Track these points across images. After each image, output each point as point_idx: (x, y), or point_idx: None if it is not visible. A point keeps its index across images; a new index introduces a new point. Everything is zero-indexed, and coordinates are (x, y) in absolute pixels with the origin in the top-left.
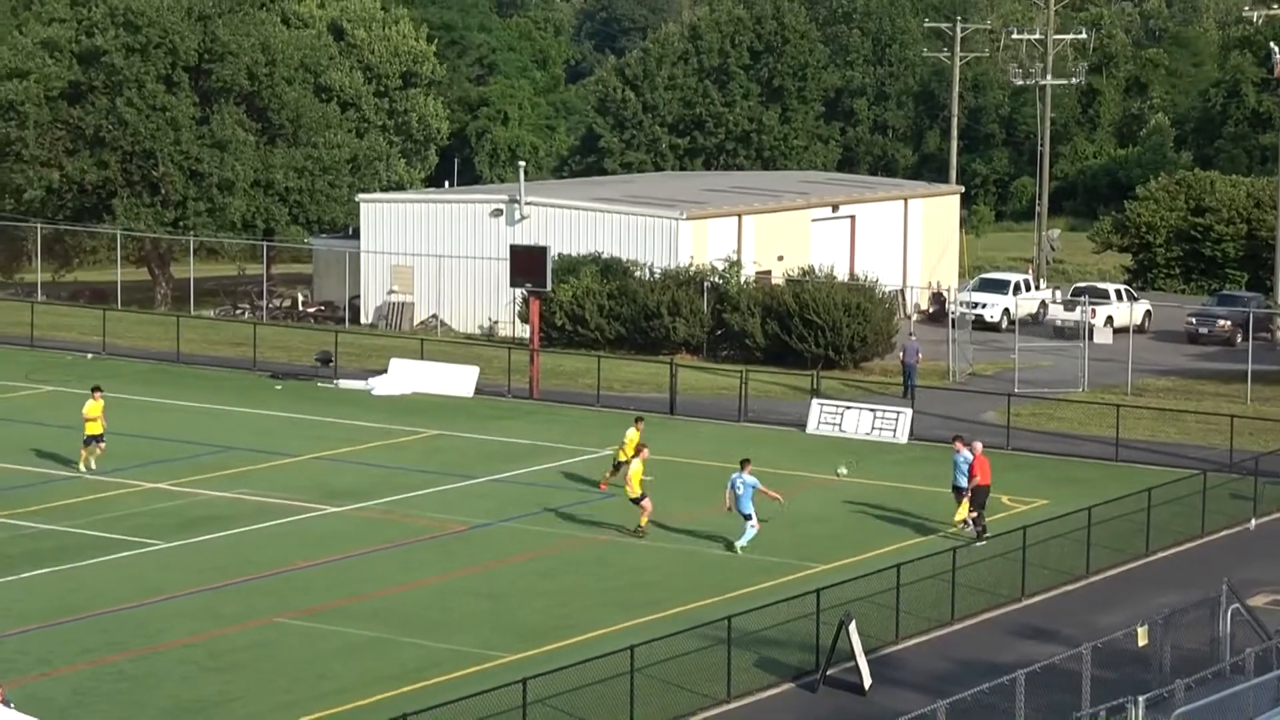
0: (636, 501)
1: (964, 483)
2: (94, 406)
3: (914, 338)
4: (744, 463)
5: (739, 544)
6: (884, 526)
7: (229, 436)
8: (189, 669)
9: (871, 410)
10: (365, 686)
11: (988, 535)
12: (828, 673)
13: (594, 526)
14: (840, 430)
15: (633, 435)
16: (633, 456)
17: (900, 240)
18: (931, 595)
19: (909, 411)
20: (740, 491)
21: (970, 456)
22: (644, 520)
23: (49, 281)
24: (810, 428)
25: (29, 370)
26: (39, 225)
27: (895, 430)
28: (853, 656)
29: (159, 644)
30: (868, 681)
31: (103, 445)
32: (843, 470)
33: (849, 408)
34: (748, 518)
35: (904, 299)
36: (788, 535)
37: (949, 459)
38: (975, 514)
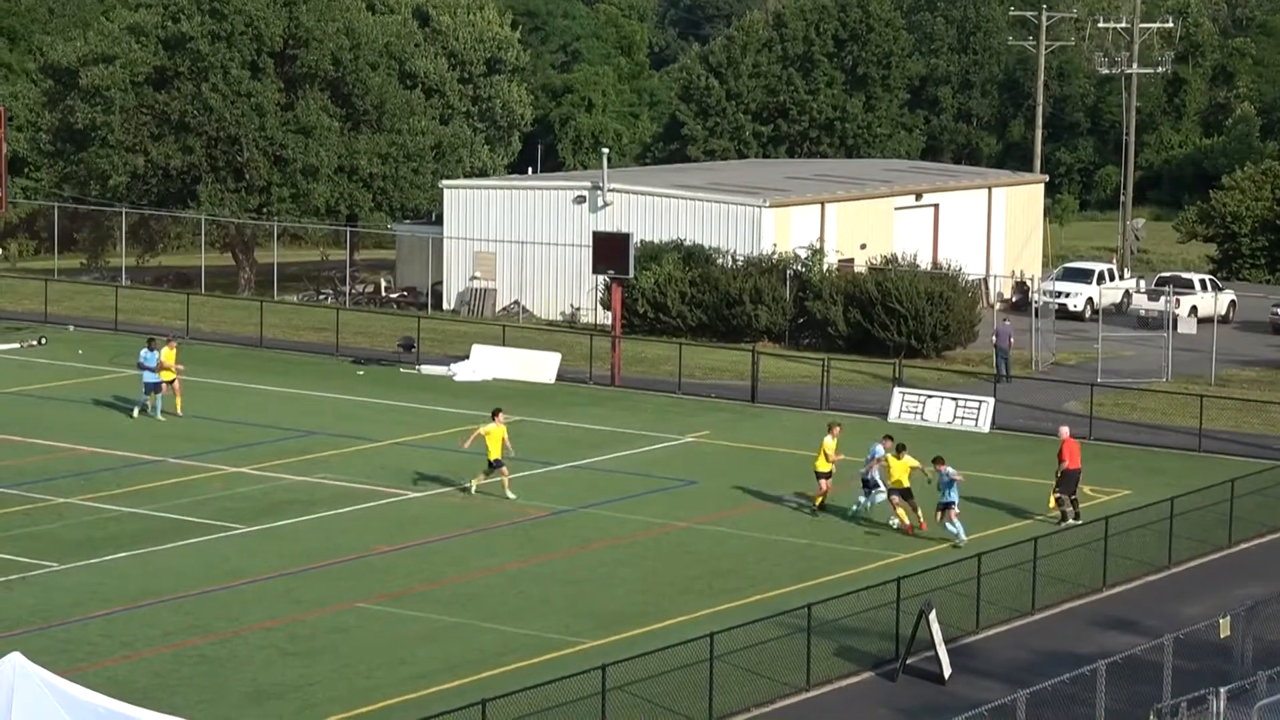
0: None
1: (954, 496)
2: (496, 432)
3: (1008, 322)
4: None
5: (851, 509)
6: (965, 516)
7: (311, 421)
8: (270, 653)
9: (954, 399)
10: (445, 671)
11: (1071, 523)
12: (908, 662)
13: (674, 514)
14: (922, 419)
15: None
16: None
17: (984, 229)
18: (1012, 585)
19: (991, 400)
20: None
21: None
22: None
23: (133, 266)
24: (892, 416)
25: (113, 354)
26: (124, 210)
27: (978, 419)
28: (933, 646)
29: (240, 628)
30: (948, 671)
31: (505, 471)
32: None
33: (931, 396)
34: (865, 486)
35: (987, 288)
36: (868, 525)
37: (1032, 448)
38: (1060, 496)
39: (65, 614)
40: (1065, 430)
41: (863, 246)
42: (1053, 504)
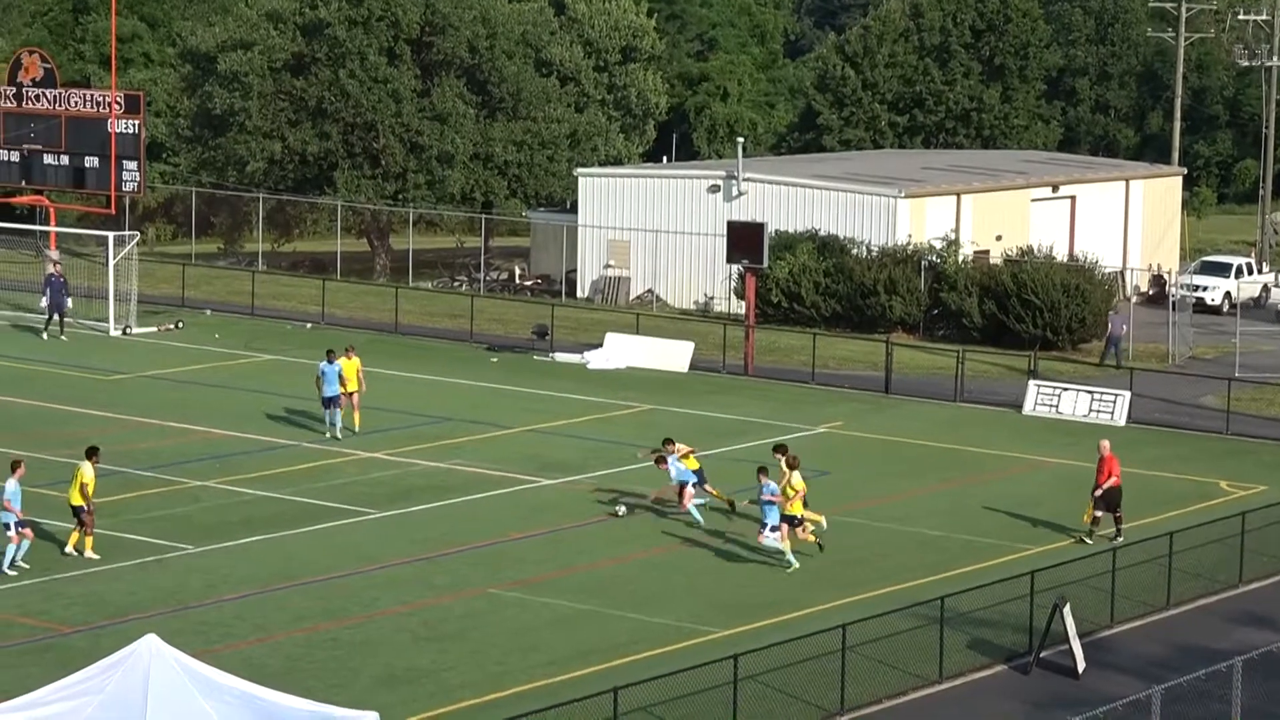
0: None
1: (773, 518)
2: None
3: (1113, 312)
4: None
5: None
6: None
7: (445, 407)
8: (403, 638)
9: (1089, 392)
10: (577, 659)
11: (1089, 542)
12: (1041, 655)
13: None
14: (1057, 412)
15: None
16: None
17: (1121, 222)
18: (1147, 580)
19: (1127, 394)
20: None
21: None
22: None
23: (269, 251)
24: (1027, 409)
25: (249, 339)
26: (261, 196)
27: (1113, 413)
28: (1066, 640)
29: (373, 612)
30: (1081, 665)
31: (807, 529)
32: (620, 510)
33: (1066, 389)
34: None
35: (1124, 281)
36: (1002, 517)
37: (1169, 442)
38: (1098, 515)
39: (200, 596)
40: (1106, 444)
41: (998, 238)
42: (1087, 517)
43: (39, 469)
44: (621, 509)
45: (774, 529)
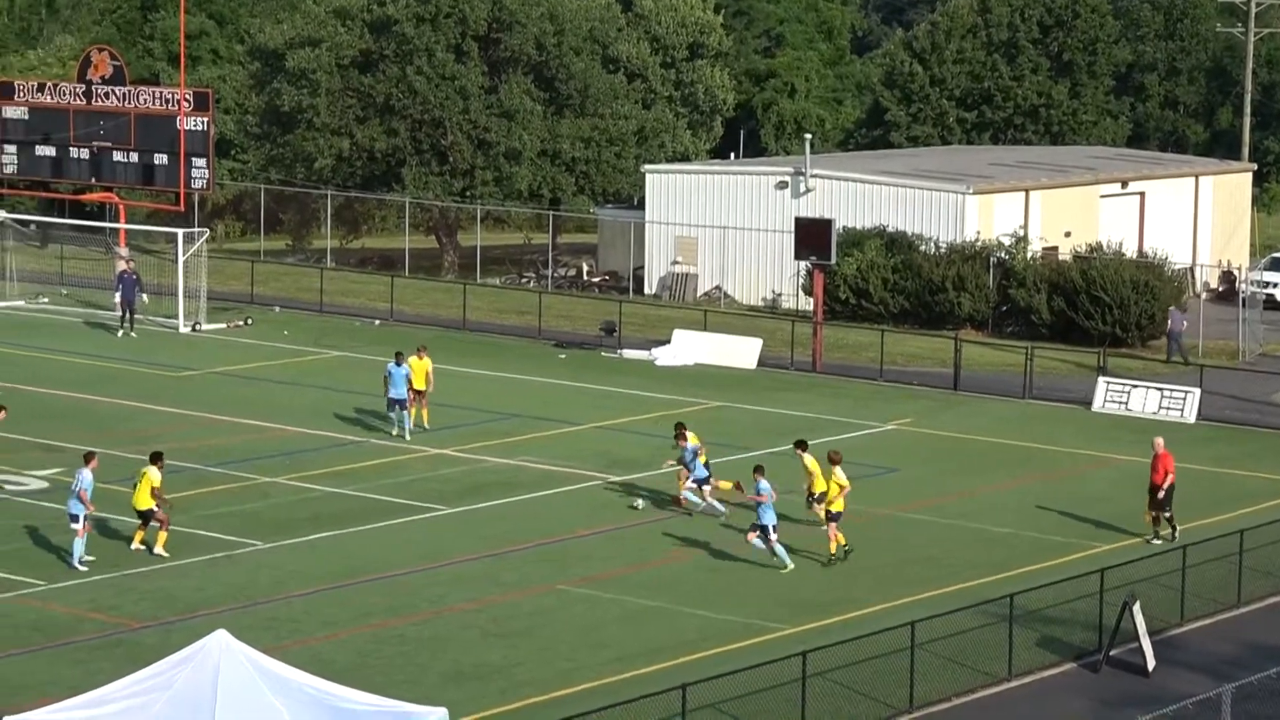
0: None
1: (769, 518)
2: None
3: (1172, 308)
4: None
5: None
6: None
7: (513, 404)
8: (471, 634)
9: (1159, 389)
10: (644, 655)
11: (1158, 543)
12: (1111, 653)
13: (875, 501)
14: (1127, 409)
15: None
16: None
17: (1190, 218)
18: (1217, 578)
19: (1197, 391)
20: None
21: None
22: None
23: (337, 248)
24: (1096, 406)
25: (318, 335)
26: (329, 193)
27: (1183, 410)
28: (1136, 637)
29: (441, 609)
30: (1151, 663)
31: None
32: (639, 504)
33: (1136, 386)
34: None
35: (1193, 277)
36: (1070, 515)
37: (1239, 439)
38: (1156, 514)
39: (269, 592)
40: (1160, 442)
41: (1067, 234)
42: (1148, 518)
43: (109, 465)
44: (639, 502)
45: (763, 529)
